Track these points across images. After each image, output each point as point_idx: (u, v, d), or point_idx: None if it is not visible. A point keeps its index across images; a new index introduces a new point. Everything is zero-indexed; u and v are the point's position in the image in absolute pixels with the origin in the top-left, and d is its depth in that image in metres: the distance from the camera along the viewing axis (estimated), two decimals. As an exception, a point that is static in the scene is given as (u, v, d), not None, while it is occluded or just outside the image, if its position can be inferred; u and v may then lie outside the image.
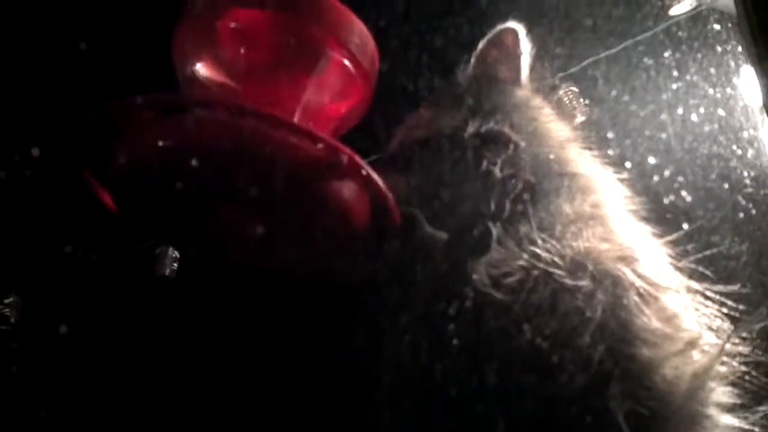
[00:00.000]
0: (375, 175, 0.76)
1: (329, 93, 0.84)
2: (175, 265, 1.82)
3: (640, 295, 0.72)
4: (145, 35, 0.92)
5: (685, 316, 0.75)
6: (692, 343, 0.72)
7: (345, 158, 0.73)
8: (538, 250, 0.74)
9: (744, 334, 0.76)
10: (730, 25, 1.15)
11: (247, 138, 0.70)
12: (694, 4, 1.26)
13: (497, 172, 0.85)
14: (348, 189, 0.75)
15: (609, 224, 0.81)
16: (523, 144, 0.89)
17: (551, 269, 0.73)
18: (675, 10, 1.28)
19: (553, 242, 0.75)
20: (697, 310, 0.78)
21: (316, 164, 0.72)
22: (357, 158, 0.74)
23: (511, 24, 0.98)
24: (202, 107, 0.77)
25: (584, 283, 0.71)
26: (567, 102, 1.34)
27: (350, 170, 0.74)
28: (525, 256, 0.74)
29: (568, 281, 0.72)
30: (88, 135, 0.74)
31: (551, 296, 0.71)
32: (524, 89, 0.98)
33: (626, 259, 0.75)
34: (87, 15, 1.00)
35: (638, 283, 0.73)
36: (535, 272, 0.73)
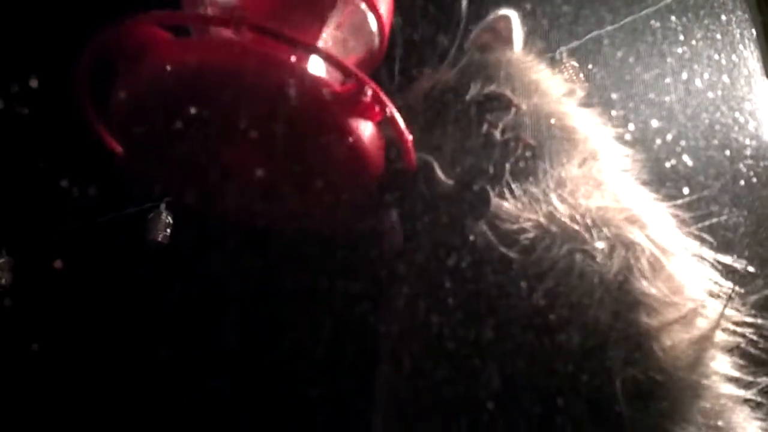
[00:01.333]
0: (397, 114, 0.71)
1: (345, 40, 0.79)
2: (168, 230, 1.82)
3: (650, 261, 0.72)
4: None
5: (689, 284, 0.75)
6: (695, 311, 0.71)
7: (370, 92, 0.67)
8: (554, 208, 0.73)
9: (741, 306, 0.76)
10: (737, -6, 1.15)
11: (265, 62, 0.64)
12: (700, -22, 1.25)
13: (498, 134, 0.84)
14: (366, 129, 0.69)
15: (615, 187, 0.81)
16: (523, 107, 0.88)
17: (570, 227, 0.71)
18: (681, -16, 1.27)
19: (569, 201, 0.75)
20: (701, 276, 0.77)
21: (337, 97, 0.67)
22: (382, 93, 0.69)
23: (505, 11, 0.97)
24: (216, 24, 0.72)
25: (601, 244, 0.70)
26: (567, 77, 1.34)
27: (371, 107, 0.68)
28: (541, 212, 0.73)
29: (586, 241, 0.71)
30: (92, 62, 0.67)
31: (567, 255, 0.70)
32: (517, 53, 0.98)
33: (638, 223, 0.75)
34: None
35: (650, 248, 0.72)
36: (554, 228, 0.71)
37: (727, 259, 0.78)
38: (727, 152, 1.10)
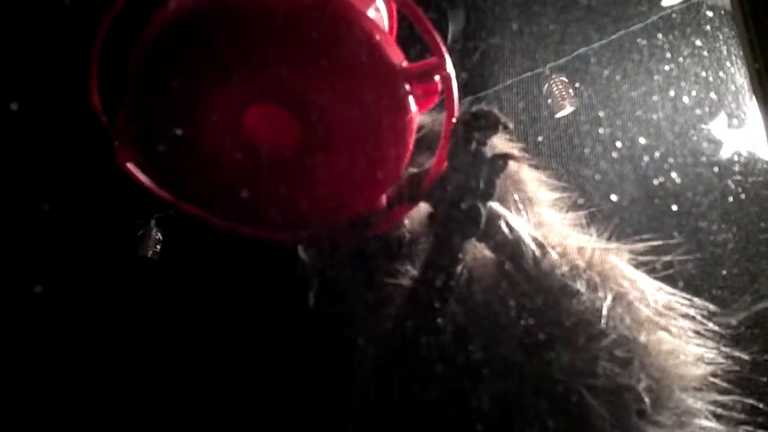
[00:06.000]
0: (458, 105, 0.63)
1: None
2: (158, 247, 1.82)
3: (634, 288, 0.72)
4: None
5: (670, 304, 0.74)
6: (677, 331, 0.71)
7: (446, 72, 0.58)
8: (544, 238, 0.73)
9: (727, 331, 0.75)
10: (723, 11, 1.15)
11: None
12: (688, -6, 1.26)
13: (487, 151, 0.83)
14: (416, 115, 0.61)
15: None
16: (511, 125, 0.87)
17: (565, 256, 0.71)
18: (667, 1, 1.28)
19: (558, 233, 0.74)
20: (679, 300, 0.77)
21: (407, 69, 0.58)
22: (454, 78, 0.60)
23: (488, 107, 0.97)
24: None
25: (588, 276, 0.70)
26: (556, 92, 1.34)
27: (434, 91, 0.61)
28: (537, 240, 0.73)
29: (580, 272, 0.70)
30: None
31: (569, 276, 0.69)
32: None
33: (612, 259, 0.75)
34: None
35: (631, 276, 0.72)
36: (554, 253, 0.71)
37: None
38: (716, 169, 1.10)
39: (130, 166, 0.66)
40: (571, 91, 1.21)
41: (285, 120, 0.60)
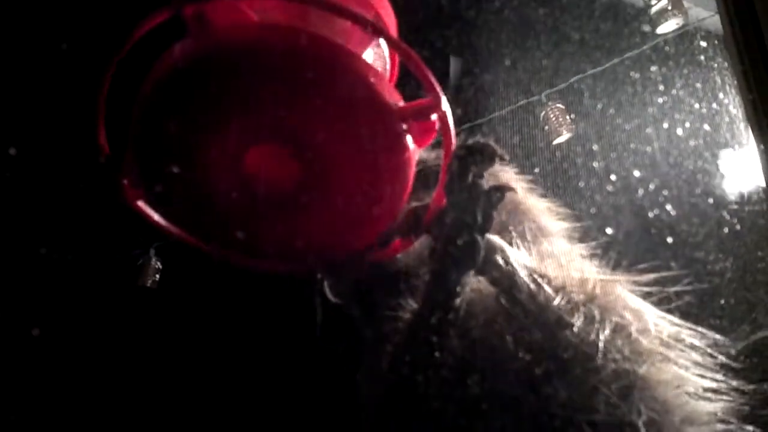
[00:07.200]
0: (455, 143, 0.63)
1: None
2: (158, 276, 1.81)
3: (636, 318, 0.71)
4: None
5: (672, 333, 0.74)
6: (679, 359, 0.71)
7: (443, 111, 0.58)
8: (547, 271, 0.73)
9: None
10: (716, 42, 1.16)
11: (335, 53, 0.57)
12: (681, 23, 1.28)
13: (484, 184, 0.83)
14: (416, 153, 0.62)
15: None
16: (507, 157, 0.87)
17: (564, 288, 0.71)
18: (662, 29, 1.29)
19: (561, 265, 0.74)
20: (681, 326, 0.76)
21: (403, 110, 0.59)
22: (450, 117, 0.61)
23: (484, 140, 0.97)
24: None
25: (586, 309, 0.70)
26: (554, 119, 1.34)
27: (432, 129, 0.61)
28: (534, 273, 0.72)
29: (578, 305, 0.70)
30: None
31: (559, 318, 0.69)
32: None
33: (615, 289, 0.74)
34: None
35: (633, 305, 0.72)
36: (549, 287, 0.70)
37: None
38: (711, 200, 1.10)
39: (140, 204, 0.68)
40: (567, 117, 1.21)
41: (285, 158, 0.62)
